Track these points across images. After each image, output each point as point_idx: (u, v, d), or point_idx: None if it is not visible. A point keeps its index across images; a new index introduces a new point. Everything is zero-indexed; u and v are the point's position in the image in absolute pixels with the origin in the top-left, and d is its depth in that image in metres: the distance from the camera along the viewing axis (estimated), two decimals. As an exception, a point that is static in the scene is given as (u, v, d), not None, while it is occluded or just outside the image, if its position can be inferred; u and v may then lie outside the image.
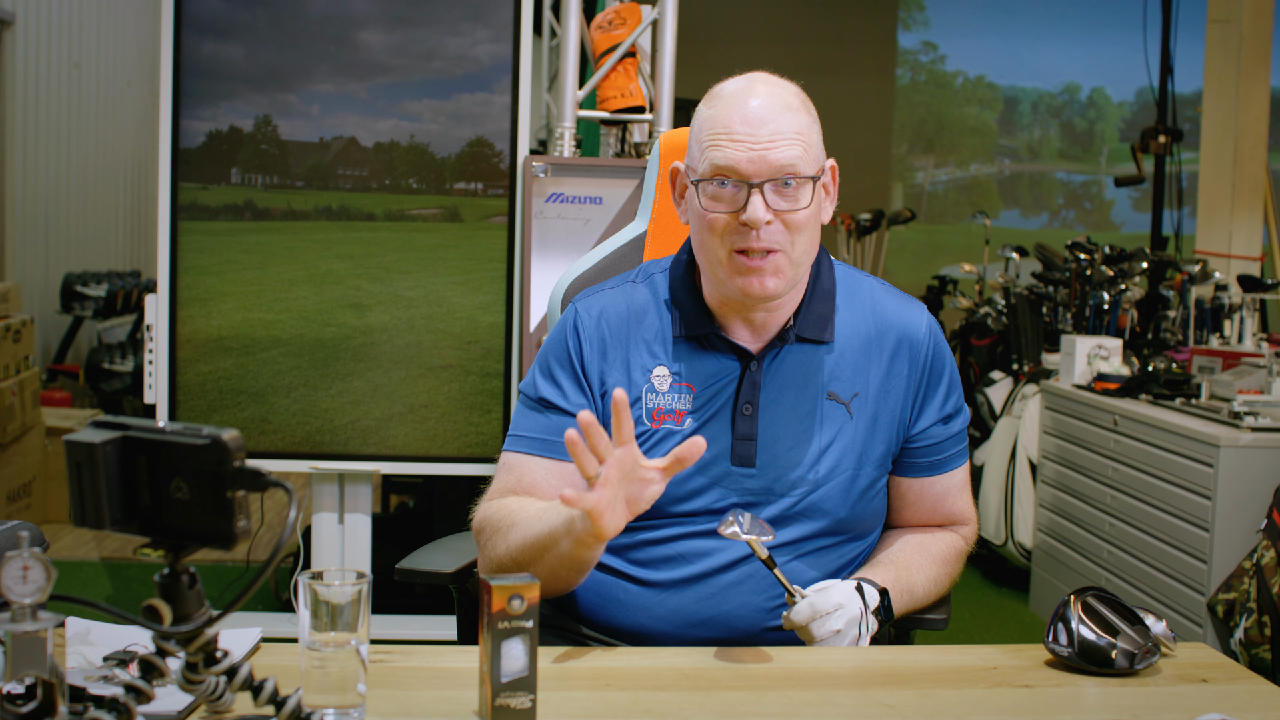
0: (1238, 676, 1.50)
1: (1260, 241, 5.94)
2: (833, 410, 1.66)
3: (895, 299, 1.74)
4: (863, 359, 1.68)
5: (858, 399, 1.67)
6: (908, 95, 9.69)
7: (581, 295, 1.76)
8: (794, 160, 1.56)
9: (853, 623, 1.55)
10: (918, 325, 1.72)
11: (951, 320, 6.39)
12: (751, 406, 1.64)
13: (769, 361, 1.66)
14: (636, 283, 1.74)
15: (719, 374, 1.66)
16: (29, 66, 6.64)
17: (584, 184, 3.35)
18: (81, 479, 1.11)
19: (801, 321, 1.66)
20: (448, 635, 1.86)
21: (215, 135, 3.47)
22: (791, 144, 1.56)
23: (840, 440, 1.66)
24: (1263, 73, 5.76)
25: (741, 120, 1.56)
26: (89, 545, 4.79)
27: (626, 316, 1.70)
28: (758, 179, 1.55)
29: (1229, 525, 3.31)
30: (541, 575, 1.53)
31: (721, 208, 1.57)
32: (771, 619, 1.63)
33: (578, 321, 1.71)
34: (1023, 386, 4.64)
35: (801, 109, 1.60)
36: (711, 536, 1.63)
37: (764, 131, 1.55)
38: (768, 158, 1.55)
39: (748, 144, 1.55)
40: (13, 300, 5.27)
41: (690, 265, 1.71)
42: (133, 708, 1.14)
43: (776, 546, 1.63)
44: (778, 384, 1.66)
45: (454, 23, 3.49)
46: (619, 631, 1.67)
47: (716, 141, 1.57)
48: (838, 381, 1.67)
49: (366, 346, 3.50)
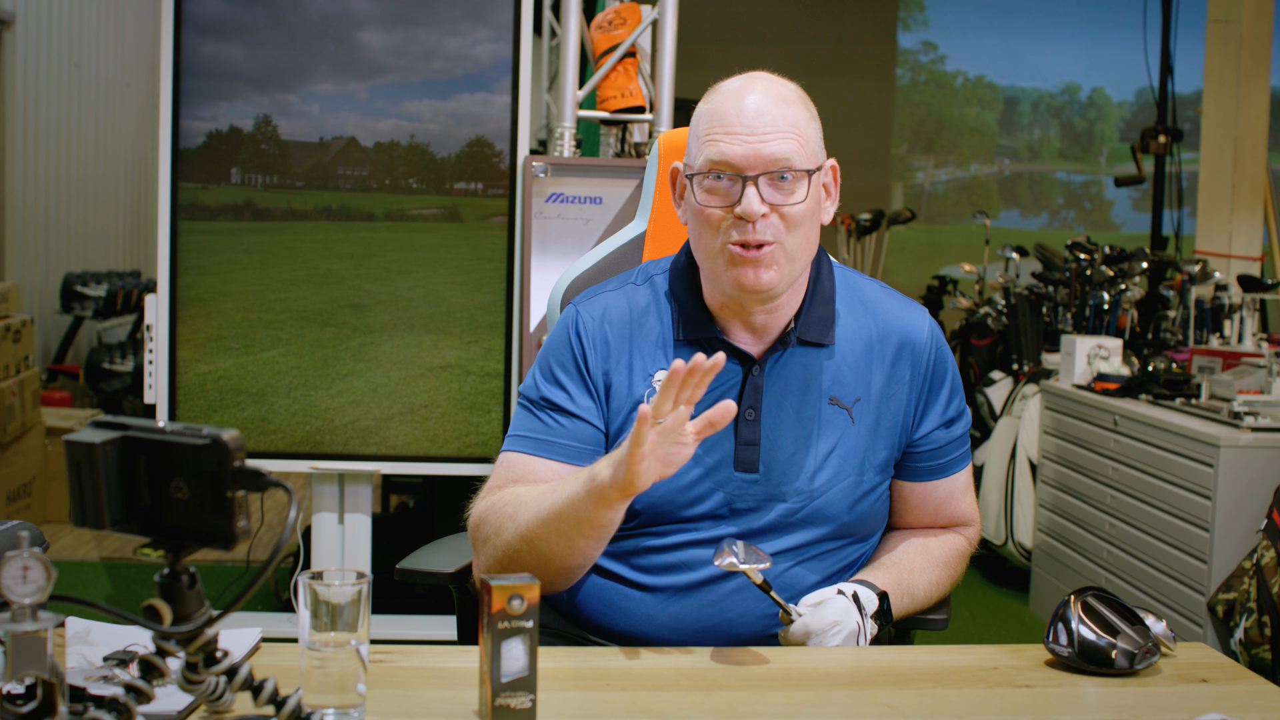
0: (1238, 676, 1.50)
1: (1260, 241, 5.94)
2: (835, 415, 1.65)
3: (897, 302, 1.74)
4: (864, 363, 1.67)
5: (860, 403, 1.66)
6: (908, 95, 9.69)
7: (581, 297, 1.75)
8: (789, 154, 1.55)
9: (850, 637, 1.55)
10: (919, 329, 1.71)
11: (951, 320, 6.39)
12: (754, 411, 1.64)
13: (771, 365, 1.65)
14: (637, 284, 1.73)
15: (721, 378, 1.64)
16: (29, 66, 6.64)
17: (584, 184, 3.35)
18: (81, 479, 1.11)
19: (803, 324, 1.66)
20: (448, 635, 1.86)
21: (215, 135, 3.47)
22: (786, 137, 1.56)
23: (842, 445, 1.65)
24: (1263, 73, 5.76)
25: (737, 114, 1.56)
26: (89, 545, 4.79)
27: (629, 319, 1.69)
28: (752, 172, 1.55)
29: (1229, 525, 3.31)
30: (554, 550, 1.53)
31: (717, 201, 1.57)
32: (775, 625, 1.62)
33: (579, 324, 1.69)
34: (1023, 386, 4.64)
35: (799, 104, 1.60)
36: (702, 546, 1.63)
37: (759, 124, 1.55)
38: (761, 151, 1.55)
39: (742, 137, 1.55)
40: (13, 300, 5.27)
41: (690, 267, 1.70)
42: (133, 708, 1.14)
43: (779, 553, 1.63)
44: (780, 388, 1.65)
45: (454, 23, 3.49)
46: (621, 637, 1.67)
47: (712, 136, 1.57)
48: (840, 386, 1.66)
49: (366, 346, 3.50)
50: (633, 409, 1.65)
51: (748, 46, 8.72)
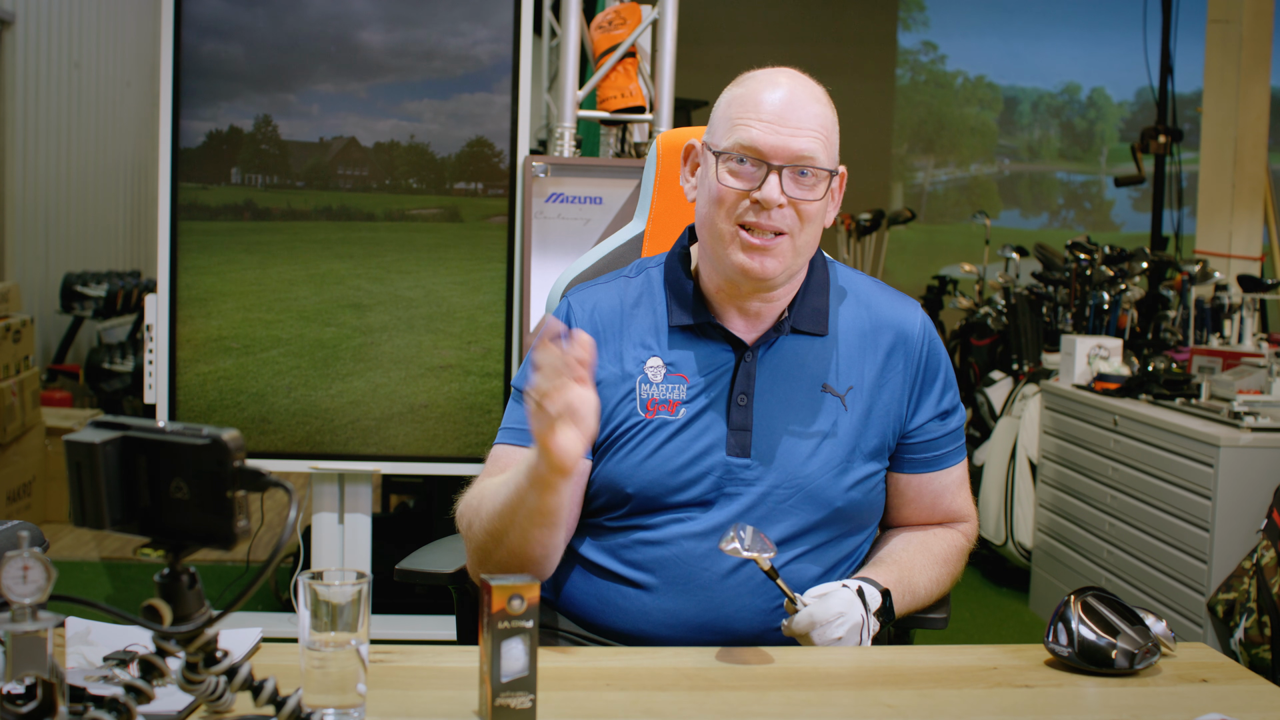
0: (1238, 676, 1.50)
1: (1260, 241, 5.94)
2: (828, 402, 1.67)
3: (890, 296, 1.76)
4: (858, 353, 1.70)
5: (852, 392, 1.68)
6: (908, 95, 9.69)
7: (574, 290, 1.77)
8: (815, 151, 1.59)
9: (854, 630, 1.55)
10: (912, 322, 1.73)
11: (951, 320, 6.39)
12: (746, 397, 1.65)
13: (764, 352, 1.67)
14: (630, 277, 1.75)
15: (714, 364, 1.67)
16: (29, 66, 6.64)
17: (584, 184, 3.35)
18: (81, 479, 1.11)
19: (797, 314, 1.68)
20: (448, 635, 1.86)
21: (215, 135, 3.47)
22: (814, 135, 1.59)
23: (835, 432, 1.67)
24: (1263, 73, 5.76)
25: (771, 103, 1.59)
26: (89, 545, 4.79)
27: (619, 309, 1.71)
28: (777, 161, 1.58)
29: (1229, 525, 3.31)
30: (515, 543, 1.53)
31: (739, 183, 1.59)
32: (772, 620, 1.62)
33: (570, 314, 1.72)
34: (1023, 386, 4.64)
35: (828, 105, 1.64)
36: (709, 536, 1.63)
37: (791, 117, 1.59)
38: (790, 144, 1.58)
39: (774, 125, 1.58)
40: (13, 300, 5.27)
41: (686, 256, 1.72)
42: (133, 708, 1.14)
43: (776, 542, 1.63)
44: (773, 374, 1.67)
45: (454, 23, 3.49)
46: (619, 636, 1.67)
47: (745, 119, 1.60)
48: (833, 374, 1.68)
49: (366, 346, 3.50)
50: (624, 397, 1.66)
51: (748, 46, 8.72)
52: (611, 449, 1.66)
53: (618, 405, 1.66)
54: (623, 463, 1.65)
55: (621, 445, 1.65)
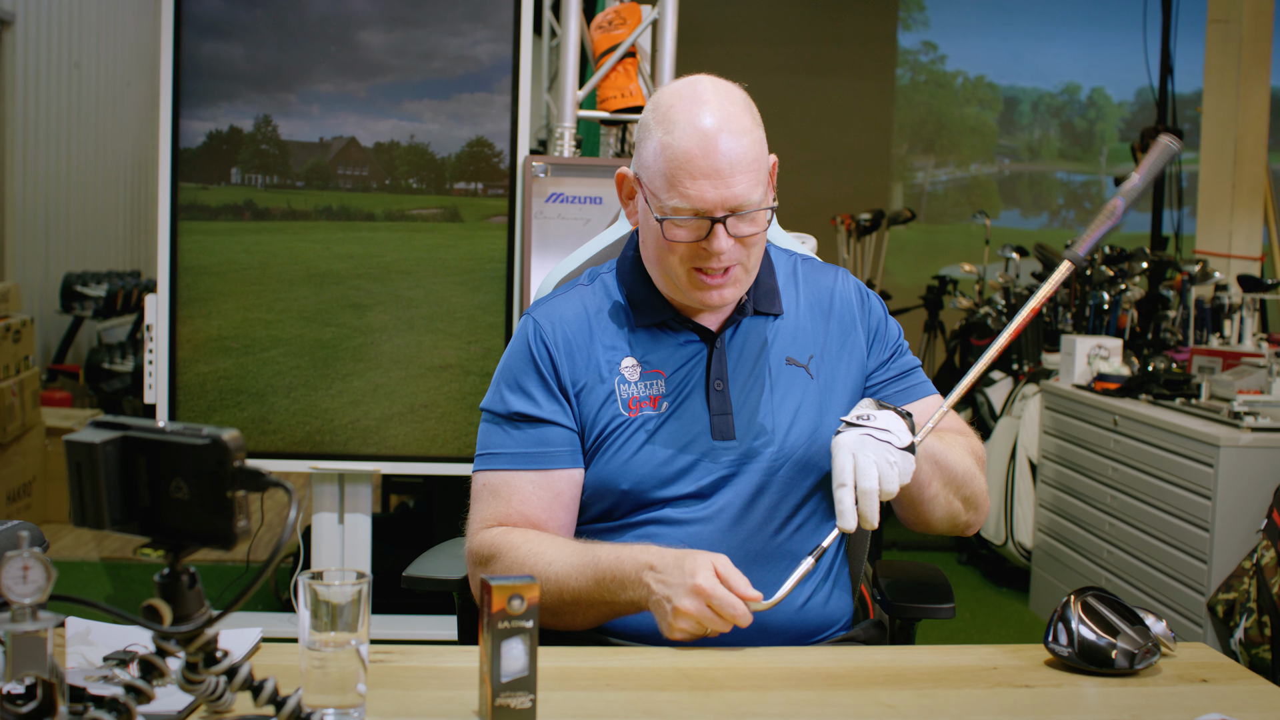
0: (1238, 676, 1.50)
1: (1260, 241, 5.94)
2: (794, 373, 1.74)
3: (820, 268, 1.84)
4: (809, 323, 1.77)
5: (814, 360, 1.75)
6: (908, 95, 9.68)
7: (534, 306, 1.79)
8: (751, 191, 1.61)
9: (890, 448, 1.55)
10: (846, 285, 1.81)
11: (951, 320, 6.39)
12: (721, 382, 1.71)
13: (730, 336, 1.73)
14: (586, 285, 1.79)
15: (686, 356, 1.72)
16: (29, 66, 6.64)
17: (584, 184, 3.35)
18: (81, 479, 1.11)
19: (754, 297, 1.75)
20: (448, 635, 1.86)
21: (215, 135, 3.47)
22: (748, 173, 1.61)
23: (807, 400, 1.73)
24: (1263, 73, 5.76)
25: (703, 155, 1.59)
26: (89, 545, 4.79)
27: (585, 317, 1.74)
28: (720, 213, 1.60)
29: (1229, 525, 3.31)
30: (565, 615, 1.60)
31: (685, 234, 1.63)
32: (772, 616, 1.62)
33: (540, 331, 1.73)
34: (1023, 386, 4.64)
35: (750, 121, 1.63)
36: (703, 523, 1.65)
37: (724, 165, 1.59)
38: (729, 196, 1.60)
39: (711, 181, 1.59)
40: (13, 300, 5.27)
41: (638, 261, 1.76)
42: (133, 708, 1.14)
43: (786, 520, 1.68)
44: (741, 356, 1.73)
45: (454, 23, 3.49)
46: (618, 633, 1.67)
47: (680, 178, 1.60)
48: (794, 346, 1.75)
49: (366, 346, 3.50)
50: (605, 400, 1.69)
51: (748, 46, 8.71)
52: (600, 451, 1.68)
53: (601, 409, 1.69)
54: (612, 461, 1.67)
55: (609, 445, 1.68)
